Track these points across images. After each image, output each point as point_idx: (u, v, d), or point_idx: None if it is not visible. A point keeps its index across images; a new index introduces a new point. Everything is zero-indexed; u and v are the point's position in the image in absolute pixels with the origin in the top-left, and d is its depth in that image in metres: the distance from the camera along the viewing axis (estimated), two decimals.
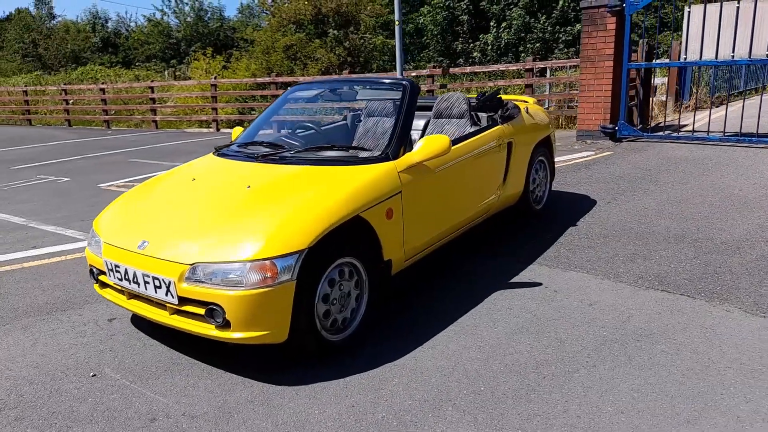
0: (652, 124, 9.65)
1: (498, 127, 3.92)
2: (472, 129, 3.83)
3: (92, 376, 2.57)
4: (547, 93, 12.74)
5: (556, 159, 7.02)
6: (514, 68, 11.14)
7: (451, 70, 11.35)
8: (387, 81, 3.62)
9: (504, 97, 5.03)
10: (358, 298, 2.76)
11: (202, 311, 2.37)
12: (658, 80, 11.62)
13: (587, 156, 7.25)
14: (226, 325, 2.33)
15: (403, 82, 3.39)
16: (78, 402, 2.37)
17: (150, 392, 2.42)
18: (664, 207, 4.81)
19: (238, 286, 2.28)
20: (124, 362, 2.68)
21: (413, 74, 12.03)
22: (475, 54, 23.10)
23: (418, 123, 4.28)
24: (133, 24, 43.49)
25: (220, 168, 3.20)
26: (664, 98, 11.05)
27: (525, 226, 4.45)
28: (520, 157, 4.17)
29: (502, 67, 11.07)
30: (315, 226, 2.43)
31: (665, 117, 9.06)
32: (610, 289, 3.30)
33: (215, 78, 14.31)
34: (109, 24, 44.81)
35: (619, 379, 2.40)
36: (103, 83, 17.08)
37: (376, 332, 2.88)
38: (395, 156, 3.00)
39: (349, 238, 2.63)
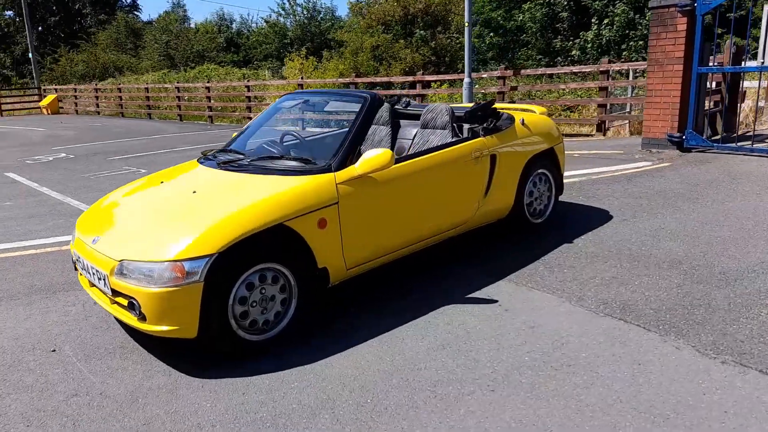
0: (739, 133, 8.74)
1: (478, 139, 3.86)
2: (453, 140, 3.82)
3: (52, 351, 2.97)
4: (629, 96, 11.96)
5: (601, 169, 6.71)
6: (589, 70, 10.56)
7: (522, 71, 11.03)
8: (351, 94, 3.71)
9: (506, 106, 4.93)
10: (286, 302, 2.92)
11: (126, 303, 2.66)
12: (749, 84, 10.43)
13: (639, 167, 6.78)
14: (143, 317, 2.60)
15: (364, 95, 3.48)
16: (27, 372, 2.77)
17: (86, 371, 2.76)
18: (683, 228, 4.43)
19: (150, 284, 2.54)
20: (84, 342, 3.06)
21: (484, 75, 11.85)
22: (574, 52, 22.02)
23: (412, 132, 4.32)
24: (254, 25, 46.60)
25: (187, 172, 3.50)
26: (762, 104, 9.92)
27: (517, 240, 4.32)
28: (508, 170, 4.07)
29: (575, 69, 10.54)
30: (228, 232, 2.63)
31: (754, 126, 8.17)
32: (566, 313, 3.16)
33: (302, 78, 15.02)
34: (234, 25, 48.41)
35: (509, 407, 2.35)
36: (208, 82, 18.56)
37: (306, 336, 3.02)
38: (339, 168, 3.11)
39: (271, 244, 2.79)
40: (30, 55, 27.03)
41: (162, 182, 3.42)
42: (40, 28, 49.63)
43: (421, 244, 3.63)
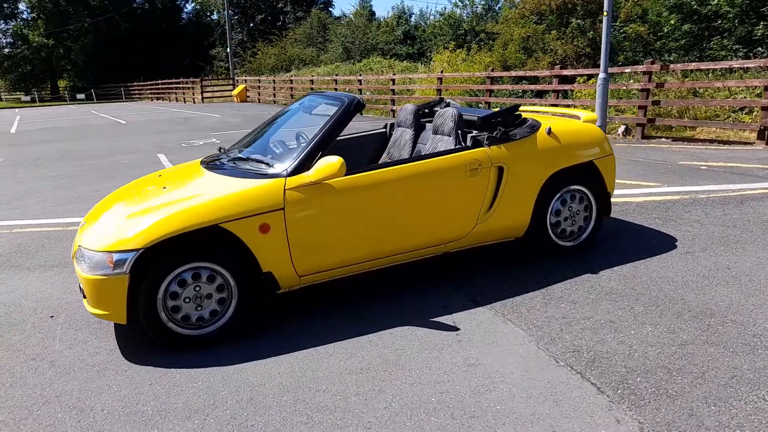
0: None
1: (477, 150, 3.49)
2: (446, 149, 3.52)
3: (50, 317, 3.44)
4: None
5: (719, 186, 5.63)
6: (753, 65, 8.75)
7: (672, 66, 9.61)
8: (334, 96, 3.58)
9: (544, 110, 4.34)
10: (224, 302, 2.99)
11: (78, 285, 2.97)
12: None
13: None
14: (85, 299, 2.88)
15: (342, 99, 3.36)
16: (19, 332, 3.24)
17: (59, 338, 3.15)
18: (754, 273, 3.53)
19: (89, 270, 2.80)
20: (77, 311, 3.48)
21: (627, 71, 10.57)
22: None
23: (428, 137, 4.06)
24: (431, 17, 47.30)
25: (184, 168, 3.73)
26: None
27: (533, 264, 3.84)
28: (522, 185, 3.62)
29: (736, 64, 8.85)
30: (156, 230, 2.77)
31: None
32: (522, 355, 2.76)
33: (441, 72, 14.91)
34: (412, 19, 49.74)
35: None
36: (360, 75, 19.38)
37: (247, 338, 3.06)
38: (293, 173, 3.07)
39: (205, 244, 2.88)
40: (228, 49, 30.77)
41: (160, 176, 3.71)
42: (251, 25, 56.48)
43: (402, 257, 3.43)
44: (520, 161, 3.60)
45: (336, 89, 19.88)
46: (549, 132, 3.72)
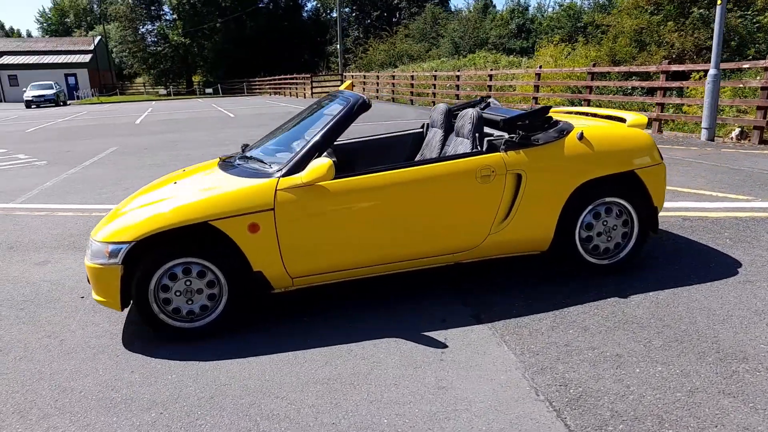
0: None
1: (490, 155, 3.23)
2: (459, 153, 3.30)
3: (81, 298, 3.71)
4: None
5: None
6: None
7: None
8: (340, 96, 3.46)
9: (587, 111, 3.90)
10: (214, 298, 3.04)
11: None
12: None
13: None
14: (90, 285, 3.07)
15: (349, 98, 3.26)
16: (48, 309, 3.53)
17: (77, 319, 3.39)
18: None
19: (91, 258, 2.97)
20: None
21: (746, 66, 9.32)
22: None
23: (454, 138, 3.83)
24: (549, 10, 45.27)
25: (201, 166, 3.82)
26: None
27: (560, 281, 3.50)
28: (544, 194, 3.30)
29: None
30: (148, 224, 2.87)
31: None
32: (501, 383, 2.51)
33: (540, 67, 14.20)
34: (530, 11, 47.90)
35: None
36: (459, 71, 19.02)
37: (235, 334, 3.09)
38: (287, 174, 3.03)
39: (195, 241, 2.94)
40: (339, 46, 31.67)
41: (184, 170, 3.85)
42: (367, 21, 57.85)
43: (405, 265, 3.27)
44: (542, 168, 3.28)
45: (434, 85, 19.70)
46: (581, 137, 3.35)
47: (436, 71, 21.10)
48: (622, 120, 3.72)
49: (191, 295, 3.01)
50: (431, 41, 41.05)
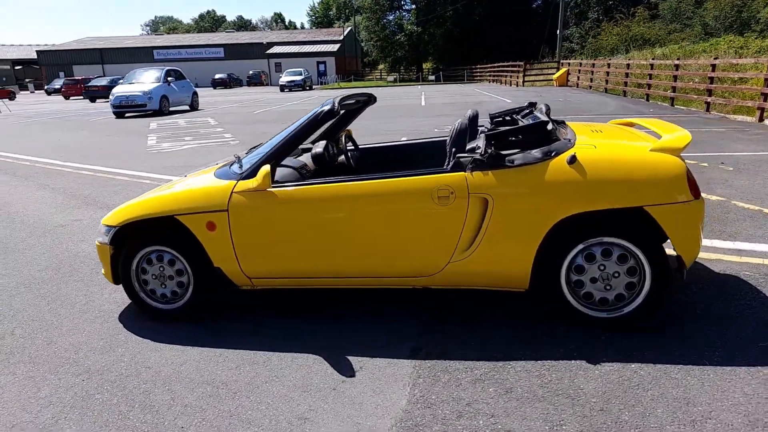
0: None
1: (454, 174, 2.83)
2: (427, 170, 2.97)
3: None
4: None
5: None
6: None
7: None
8: (327, 100, 3.32)
9: (634, 123, 3.08)
10: (183, 286, 3.33)
11: None
12: None
13: None
14: None
15: (324, 105, 3.18)
16: (92, 273, 4.24)
17: (98, 290, 4.00)
18: None
19: (96, 237, 3.50)
20: None
21: None
22: None
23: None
24: None
25: (215, 165, 4.09)
26: None
27: (545, 330, 2.93)
28: (516, 225, 2.79)
29: None
30: (128, 213, 3.26)
31: None
32: (362, 427, 2.29)
33: None
34: None
35: None
36: (677, 59, 16.35)
37: (195, 322, 3.34)
38: (246, 177, 3.12)
39: (165, 232, 3.24)
40: (558, 31, 29.83)
41: (207, 166, 4.19)
42: (609, 2, 53.17)
43: (362, 281, 3.13)
44: (513, 194, 2.79)
45: (650, 76, 17.35)
46: (571, 161, 2.74)
47: (653, 59, 18.52)
48: (655, 136, 2.91)
49: (164, 280, 3.35)
50: (684, 22, 35.83)
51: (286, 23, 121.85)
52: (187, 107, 21.02)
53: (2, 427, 2.45)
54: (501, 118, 3.84)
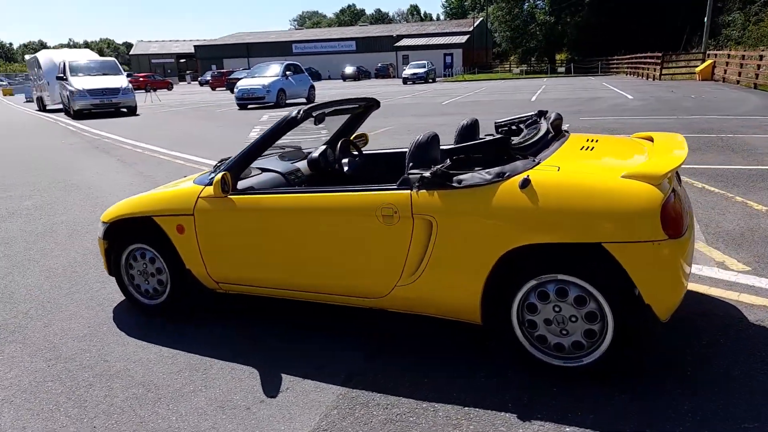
0: None
1: (399, 192, 2.58)
2: (377, 186, 2.75)
3: None
4: None
5: None
6: None
7: None
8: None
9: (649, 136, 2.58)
10: (162, 283, 3.44)
11: None
12: None
13: None
14: None
15: (292, 111, 3.07)
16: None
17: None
18: None
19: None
20: None
21: None
22: None
23: None
24: None
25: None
26: None
27: (490, 372, 2.58)
28: (462, 252, 2.47)
29: None
30: (116, 211, 3.43)
31: None
32: None
33: None
34: None
35: None
36: None
37: (173, 320, 3.44)
38: (210, 184, 3.14)
39: (144, 231, 3.36)
40: (705, 18, 26.62)
41: None
42: None
43: (318, 297, 3.00)
44: (457, 218, 2.49)
45: (759, 66, 14.84)
46: (524, 185, 2.37)
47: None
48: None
49: (147, 276, 3.49)
50: None
51: (421, 15, 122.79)
52: (303, 100, 21.97)
53: None
54: (507, 128, 3.47)
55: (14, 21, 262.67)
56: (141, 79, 47.87)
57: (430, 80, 41.50)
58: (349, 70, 51.85)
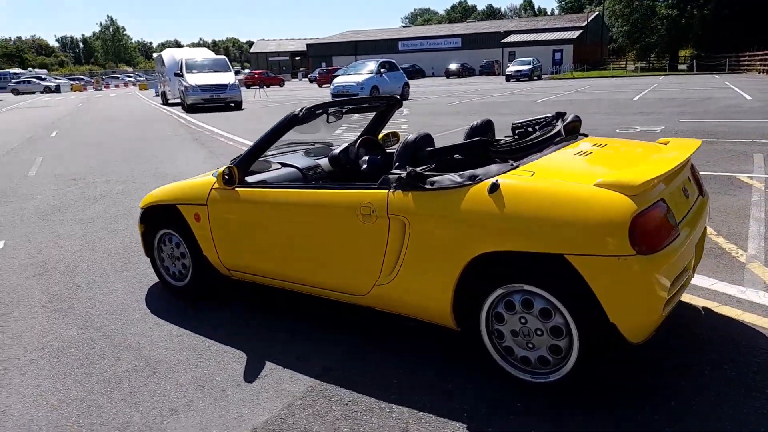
0: None
1: (378, 191, 2.58)
2: (358, 184, 2.77)
3: None
4: None
5: None
6: None
7: None
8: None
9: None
10: (186, 267, 3.69)
11: None
12: None
13: None
14: None
15: (295, 109, 3.16)
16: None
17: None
18: None
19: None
20: None
21: None
22: None
23: None
24: None
25: None
26: None
27: (461, 377, 2.50)
28: (432, 255, 2.42)
29: None
30: (151, 198, 3.73)
31: None
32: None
33: None
34: None
35: None
36: None
37: (192, 304, 3.68)
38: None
39: (171, 217, 3.62)
40: None
41: None
42: None
43: (314, 291, 3.07)
44: (430, 220, 2.44)
45: None
46: (492, 189, 2.28)
47: None
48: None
49: (174, 259, 3.76)
50: None
51: (534, 10, 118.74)
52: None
53: None
54: (523, 129, 3.33)
55: (154, 22, 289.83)
56: (256, 75, 50.82)
57: (535, 77, 40.10)
58: (452, 66, 51.53)
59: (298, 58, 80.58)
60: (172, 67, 24.23)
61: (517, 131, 3.34)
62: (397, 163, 2.76)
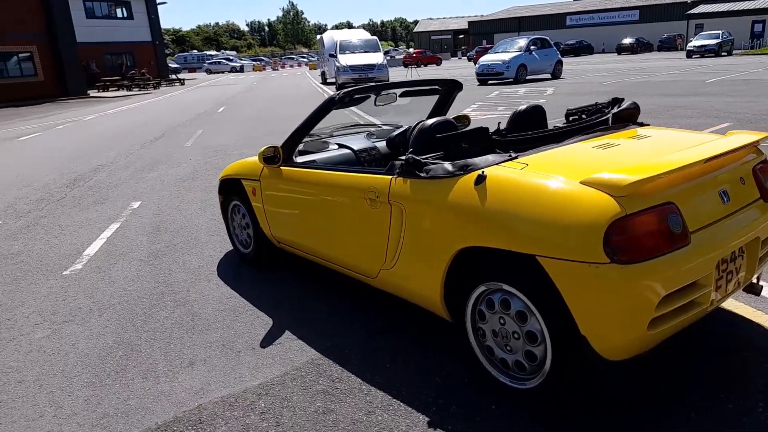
0: None
1: (383, 176, 2.56)
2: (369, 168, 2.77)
3: None
4: None
5: None
6: None
7: None
8: None
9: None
10: (250, 236, 4.00)
11: None
12: None
13: None
14: None
15: (334, 93, 3.21)
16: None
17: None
18: None
19: None
20: None
21: None
22: None
23: None
24: None
25: None
26: None
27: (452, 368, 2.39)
28: (425, 243, 2.35)
29: None
30: (226, 171, 4.06)
31: None
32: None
33: None
34: None
35: None
36: None
37: (253, 268, 3.98)
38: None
39: (239, 190, 3.93)
40: None
41: None
42: None
43: (343, 270, 3.15)
44: (424, 208, 2.37)
45: None
46: (478, 181, 2.13)
47: None
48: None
49: (242, 228, 4.10)
50: None
51: None
52: (548, 75, 21.06)
53: (5, 311, 3.68)
54: (577, 115, 3.04)
55: (330, 4, 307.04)
56: (414, 54, 51.57)
57: (724, 53, 35.09)
58: (626, 41, 47.17)
59: (460, 36, 79.80)
60: (330, 47, 25.57)
61: (570, 117, 3.06)
62: (411, 149, 2.71)
